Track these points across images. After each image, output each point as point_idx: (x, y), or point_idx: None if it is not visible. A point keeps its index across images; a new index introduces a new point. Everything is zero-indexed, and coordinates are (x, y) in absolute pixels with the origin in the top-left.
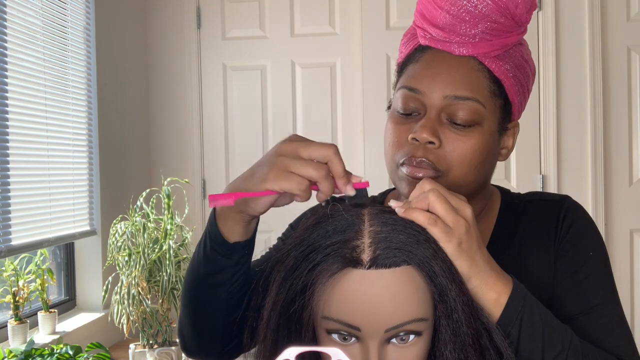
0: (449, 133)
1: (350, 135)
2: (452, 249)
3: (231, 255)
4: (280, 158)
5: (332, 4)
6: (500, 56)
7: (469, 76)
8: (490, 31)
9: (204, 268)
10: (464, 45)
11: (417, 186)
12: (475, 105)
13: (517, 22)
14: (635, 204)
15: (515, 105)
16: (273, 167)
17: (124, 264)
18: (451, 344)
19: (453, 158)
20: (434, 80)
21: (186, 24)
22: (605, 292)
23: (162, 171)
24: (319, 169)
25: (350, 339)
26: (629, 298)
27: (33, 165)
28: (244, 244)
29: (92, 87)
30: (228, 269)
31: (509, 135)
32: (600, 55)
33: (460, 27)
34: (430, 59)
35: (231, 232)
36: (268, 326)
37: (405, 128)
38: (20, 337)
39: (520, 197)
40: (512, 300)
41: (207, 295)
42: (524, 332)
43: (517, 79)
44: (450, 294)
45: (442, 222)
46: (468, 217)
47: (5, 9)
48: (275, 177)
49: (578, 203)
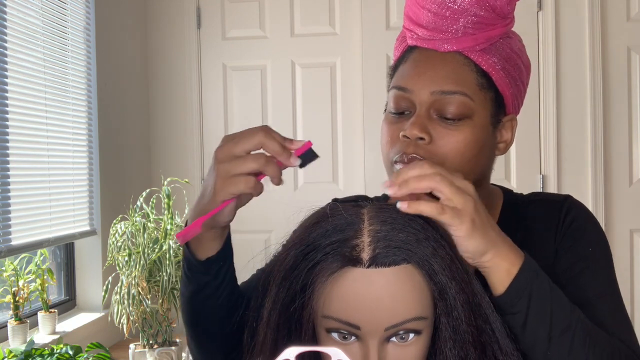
0: (439, 128)
1: (350, 136)
2: (466, 230)
3: (208, 270)
4: (220, 165)
5: (332, 4)
6: (486, 49)
7: (455, 71)
8: (472, 25)
9: (189, 287)
10: (448, 42)
11: (414, 164)
12: (463, 99)
13: (499, 14)
14: (635, 204)
15: (507, 97)
16: (217, 177)
17: (124, 264)
18: (451, 341)
19: (445, 152)
20: (420, 78)
21: (186, 24)
22: (605, 285)
23: (162, 171)
24: (257, 160)
25: (350, 338)
26: (629, 298)
27: (33, 165)
28: (216, 256)
29: (92, 87)
30: (210, 283)
31: (507, 129)
32: (600, 55)
33: (443, 24)
34: (417, 58)
35: (206, 249)
36: (268, 325)
37: (398, 127)
38: (20, 337)
39: (522, 197)
40: (523, 270)
41: (200, 310)
42: (533, 303)
43: (506, 71)
44: (450, 292)
45: (449, 207)
46: (472, 193)
47: (5, 9)
48: (223, 186)
49: (580, 202)
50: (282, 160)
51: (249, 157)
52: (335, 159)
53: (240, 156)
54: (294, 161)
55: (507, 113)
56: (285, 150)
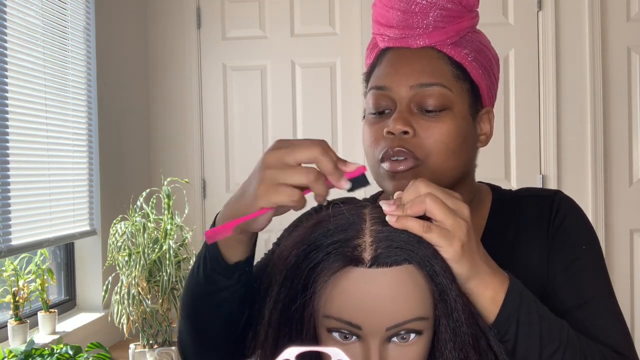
0: (421, 121)
1: (350, 136)
2: (453, 253)
3: (232, 274)
4: (267, 171)
5: (332, 4)
6: (457, 42)
7: (431, 64)
8: (442, 19)
9: (204, 287)
10: (420, 37)
11: (410, 186)
12: (441, 90)
13: (466, 7)
14: (635, 204)
15: (482, 87)
16: (262, 182)
17: (124, 264)
18: (451, 343)
19: (429, 144)
20: (397, 74)
21: (186, 24)
22: (599, 285)
23: (162, 171)
24: (307, 174)
25: (351, 338)
26: (629, 298)
27: (33, 165)
28: (245, 261)
29: (92, 87)
30: (229, 288)
31: (485, 121)
32: (600, 55)
33: (413, 20)
34: (391, 57)
35: (233, 253)
36: (269, 325)
37: (380, 126)
38: (20, 337)
39: (511, 194)
40: (509, 297)
41: (208, 313)
42: (522, 329)
43: (478, 61)
44: (450, 293)
45: (438, 227)
46: (467, 217)
47: (5, 9)
48: (266, 193)
49: (570, 197)
50: (332, 181)
51: (299, 169)
52: None
53: (290, 166)
54: (344, 183)
55: (483, 105)
56: (337, 171)
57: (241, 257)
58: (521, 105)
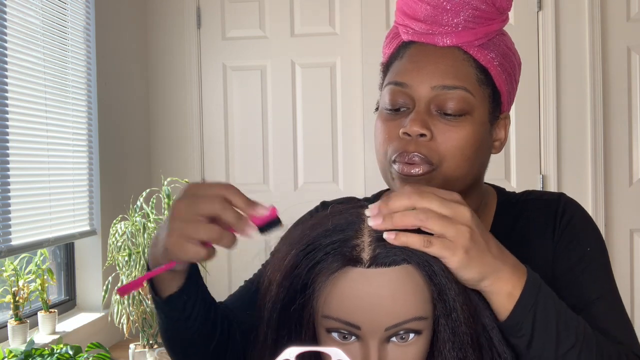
0: (439, 124)
1: (350, 136)
2: (459, 262)
3: (175, 305)
4: (175, 223)
5: (332, 4)
6: (484, 45)
7: (455, 66)
8: (473, 19)
9: (159, 321)
10: (448, 36)
11: (399, 194)
12: (464, 94)
13: (499, 9)
14: (635, 204)
15: (504, 94)
16: (170, 234)
17: (124, 264)
18: (450, 343)
19: (445, 149)
20: (420, 72)
21: (186, 24)
22: (605, 285)
23: (162, 171)
24: (209, 231)
25: (351, 338)
26: (629, 298)
27: (33, 165)
28: (178, 293)
29: (92, 87)
30: (179, 317)
31: (501, 127)
32: (600, 55)
33: (443, 17)
34: (414, 53)
35: (167, 286)
36: (268, 325)
37: (395, 124)
38: (20, 337)
39: (516, 196)
40: (526, 290)
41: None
42: (538, 323)
43: (503, 67)
44: (449, 293)
45: (438, 240)
46: (467, 220)
47: (5, 9)
48: (173, 248)
49: (574, 200)
50: (237, 232)
51: (201, 226)
52: (335, 159)
53: (195, 220)
54: (249, 232)
55: (502, 111)
56: (239, 222)
57: (173, 290)
58: (521, 105)
